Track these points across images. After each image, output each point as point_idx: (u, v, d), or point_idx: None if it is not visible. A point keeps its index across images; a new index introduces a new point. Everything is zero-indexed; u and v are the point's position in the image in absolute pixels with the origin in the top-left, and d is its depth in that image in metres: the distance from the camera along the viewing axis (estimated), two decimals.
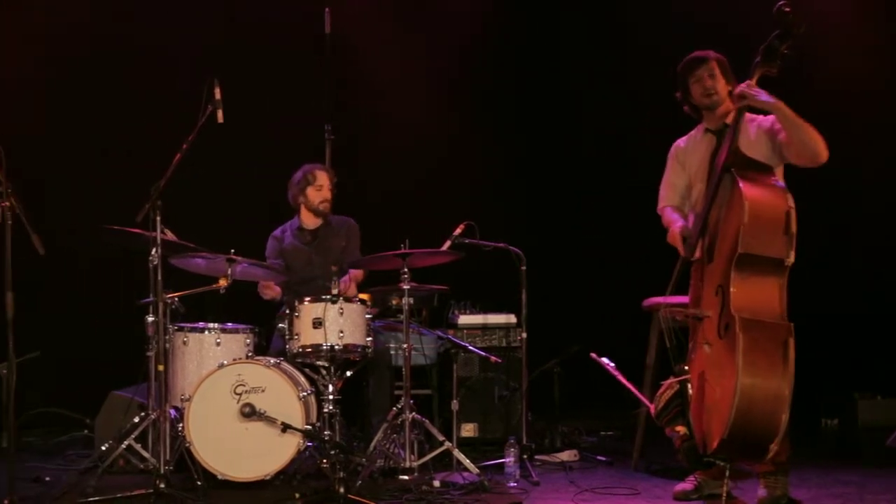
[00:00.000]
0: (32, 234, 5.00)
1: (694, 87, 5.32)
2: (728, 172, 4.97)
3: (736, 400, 4.64)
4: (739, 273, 4.79)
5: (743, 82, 5.05)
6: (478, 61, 8.34)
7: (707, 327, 4.99)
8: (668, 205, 5.54)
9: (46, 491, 5.64)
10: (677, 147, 5.56)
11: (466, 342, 6.81)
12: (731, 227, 4.88)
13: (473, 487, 5.63)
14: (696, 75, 5.30)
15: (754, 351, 4.68)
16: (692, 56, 5.37)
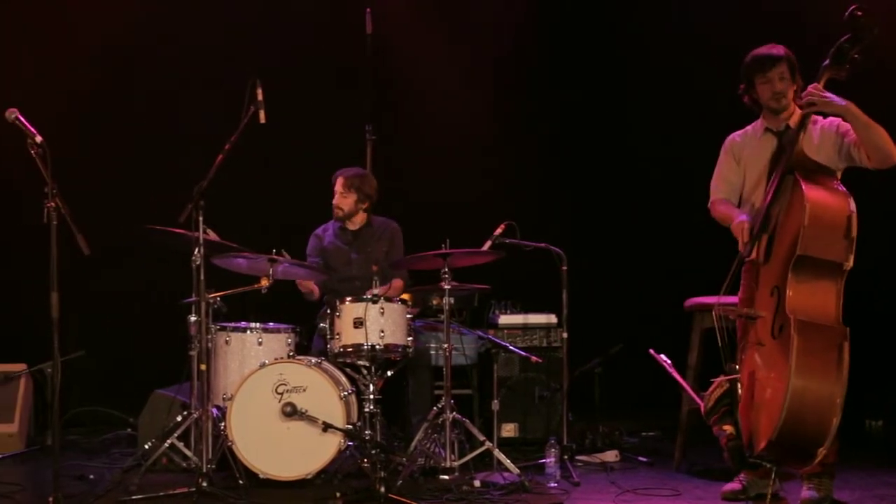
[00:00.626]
0: (77, 235, 5.03)
1: (762, 88, 5.19)
2: (790, 174, 4.92)
3: (787, 402, 4.60)
4: (797, 275, 4.75)
5: (811, 85, 4.96)
6: (518, 60, 8.32)
7: (760, 328, 4.95)
8: (718, 198, 5.45)
9: (90, 489, 5.69)
10: (733, 142, 5.43)
11: (507, 342, 6.80)
12: (790, 228, 4.83)
13: (514, 488, 5.63)
14: (767, 76, 5.17)
15: (808, 353, 4.63)
16: (763, 53, 5.20)
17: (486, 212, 6.86)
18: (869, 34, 4.83)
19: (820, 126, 5.16)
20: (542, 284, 6.76)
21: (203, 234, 5.62)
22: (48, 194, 4.99)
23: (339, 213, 6.73)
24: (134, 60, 8.02)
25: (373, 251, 6.64)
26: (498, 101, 8.27)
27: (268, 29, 8.09)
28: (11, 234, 7.46)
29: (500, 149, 8.23)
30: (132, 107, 8.01)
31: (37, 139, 4.99)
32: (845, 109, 4.93)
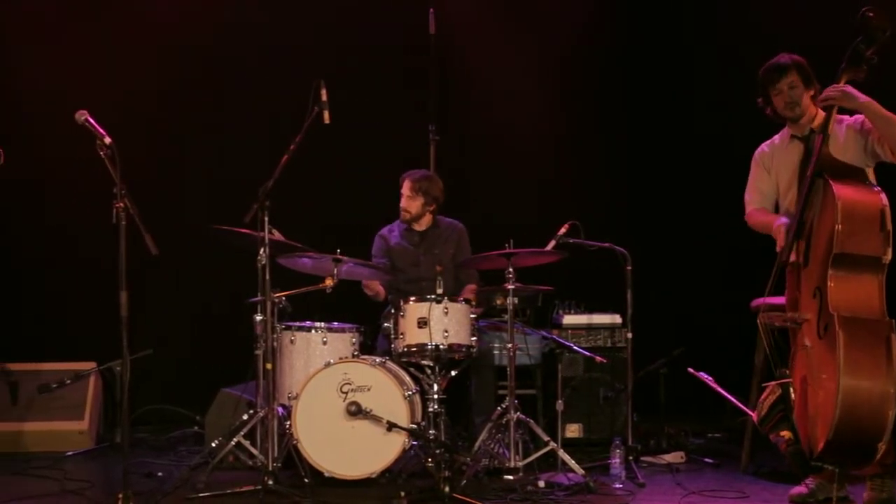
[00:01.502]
0: (145, 235, 5.10)
1: (776, 99, 5.29)
2: (819, 177, 4.95)
3: (839, 400, 4.59)
4: (836, 272, 4.78)
5: (829, 86, 5.03)
6: (583, 60, 8.28)
7: (806, 331, 4.96)
8: (754, 208, 5.51)
9: (158, 486, 5.75)
10: (762, 153, 5.52)
11: (571, 342, 6.78)
12: (825, 228, 4.87)
13: (579, 488, 5.61)
14: (777, 87, 5.26)
15: (855, 349, 4.64)
16: (771, 65, 5.31)
17: (550, 211, 6.83)
18: (881, 34, 4.91)
19: (845, 125, 5.20)
20: (606, 284, 6.72)
21: (268, 234, 5.66)
22: (117, 195, 5.05)
23: (407, 216, 6.75)
24: (201, 61, 8.09)
25: (441, 252, 6.64)
26: (562, 100, 8.25)
27: (332, 30, 8.13)
28: (81, 235, 7.56)
29: (564, 148, 8.20)
30: (199, 107, 8.08)
31: (105, 140, 5.06)
32: (865, 106, 4.98)
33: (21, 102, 7.87)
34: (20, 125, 7.69)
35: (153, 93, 7.99)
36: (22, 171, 5.62)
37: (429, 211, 6.77)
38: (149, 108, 7.92)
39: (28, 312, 7.84)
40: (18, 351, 7.21)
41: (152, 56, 7.99)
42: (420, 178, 6.76)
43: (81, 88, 7.58)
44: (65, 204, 7.81)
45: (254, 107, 8.03)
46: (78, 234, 7.67)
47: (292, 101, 5.99)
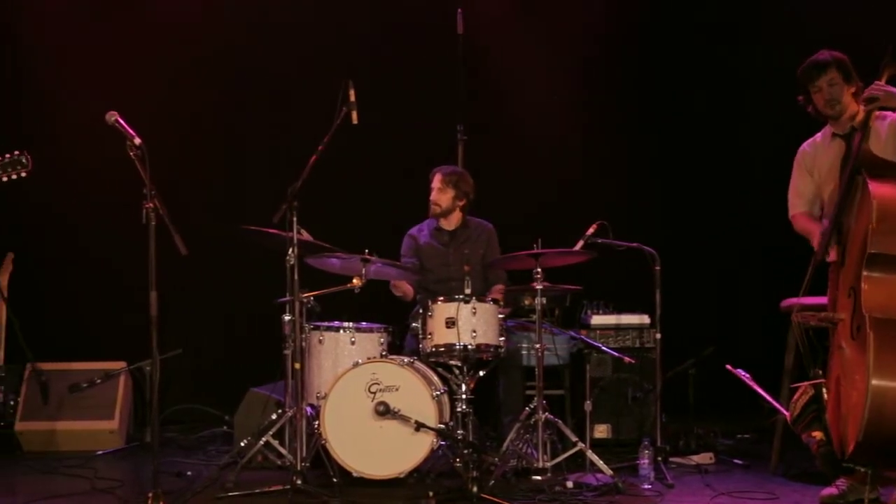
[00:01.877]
0: (174, 235, 5.13)
1: (816, 97, 5.27)
2: (859, 174, 4.90)
3: (867, 401, 4.57)
4: (870, 273, 4.74)
5: (872, 84, 4.98)
6: (611, 60, 8.26)
7: (841, 331, 4.93)
8: (798, 212, 5.46)
9: (188, 485, 5.78)
10: (803, 153, 5.49)
11: (599, 342, 6.76)
12: (860, 227, 4.83)
13: (607, 489, 5.60)
14: (817, 85, 5.24)
15: (886, 351, 4.61)
16: (811, 62, 5.28)
17: (578, 211, 6.82)
18: None
19: (888, 122, 5.17)
20: (634, 284, 6.70)
21: (297, 234, 5.68)
22: (146, 195, 5.08)
23: (437, 210, 6.75)
24: (230, 61, 8.12)
25: (470, 252, 6.62)
26: (590, 100, 8.23)
27: (360, 30, 8.14)
28: (112, 235, 7.61)
29: (592, 148, 8.18)
30: (228, 107, 8.12)
31: (135, 141, 5.09)
32: None
33: (48, 103, 7.92)
34: (47, 126, 7.74)
35: (181, 93, 8.01)
36: (52, 172, 5.65)
37: (459, 206, 6.77)
38: (176, 107, 7.94)
39: (59, 312, 7.88)
40: (49, 351, 7.24)
41: (181, 56, 8.02)
42: (451, 172, 6.78)
43: (109, 89, 7.63)
44: (95, 204, 7.85)
45: (282, 107, 8.05)
46: (108, 235, 7.71)
47: (321, 101, 6.00)
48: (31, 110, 7.88)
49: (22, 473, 6.38)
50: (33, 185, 5.67)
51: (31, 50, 8.01)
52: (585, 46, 8.21)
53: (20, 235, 7.61)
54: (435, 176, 6.76)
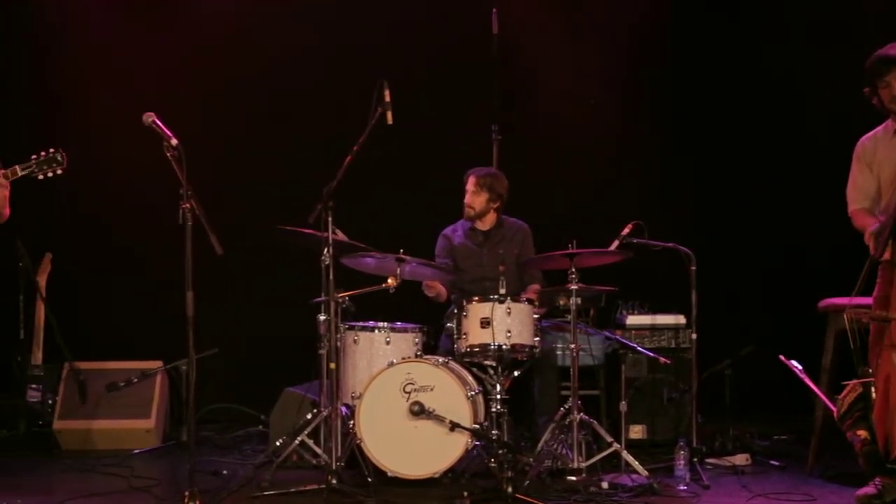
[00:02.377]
0: (211, 235, 5.15)
1: (882, 92, 5.17)
2: None
3: None
4: None
5: None
6: (646, 60, 8.22)
7: (894, 330, 4.85)
8: (858, 207, 5.37)
9: (224, 484, 5.81)
10: (863, 146, 5.39)
11: (634, 343, 6.73)
12: None
13: (642, 490, 5.58)
14: (885, 80, 5.14)
15: None
16: (882, 56, 5.17)
17: (613, 211, 6.80)
18: None
19: None
20: (670, 284, 6.67)
21: (332, 234, 5.69)
22: (183, 196, 5.11)
23: (471, 212, 6.75)
24: (263, 61, 8.15)
25: (505, 252, 6.61)
26: (625, 99, 8.20)
27: (395, 30, 8.14)
28: (149, 235, 7.65)
29: (627, 148, 8.15)
30: (263, 107, 8.15)
31: (172, 142, 5.12)
32: None
33: (86, 104, 7.98)
34: (85, 127, 7.79)
35: (217, 93, 8.06)
36: (90, 173, 5.70)
37: (493, 208, 6.76)
38: (215, 106, 7.99)
39: (96, 312, 7.95)
40: (87, 350, 7.30)
41: (216, 56, 8.07)
42: (485, 175, 6.77)
43: (146, 89, 7.69)
44: (132, 205, 7.90)
45: (317, 107, 8.07)
46: (145, 235, 7.76)
47: (356, 101, 6.02)
48: (69, 111, 7.93)
49: (60, 472, 6.43)
50: (71, 185, 5.72)
51: (69, 50, 8.07)
52: (621, 45, 8.18)
53: (59, 236, 7.67)
54: (469, 178, 6.76)
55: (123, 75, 8.00)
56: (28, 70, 8.03)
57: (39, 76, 8.06)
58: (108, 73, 8.04)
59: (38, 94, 8.00)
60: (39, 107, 7.92)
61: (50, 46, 8.07)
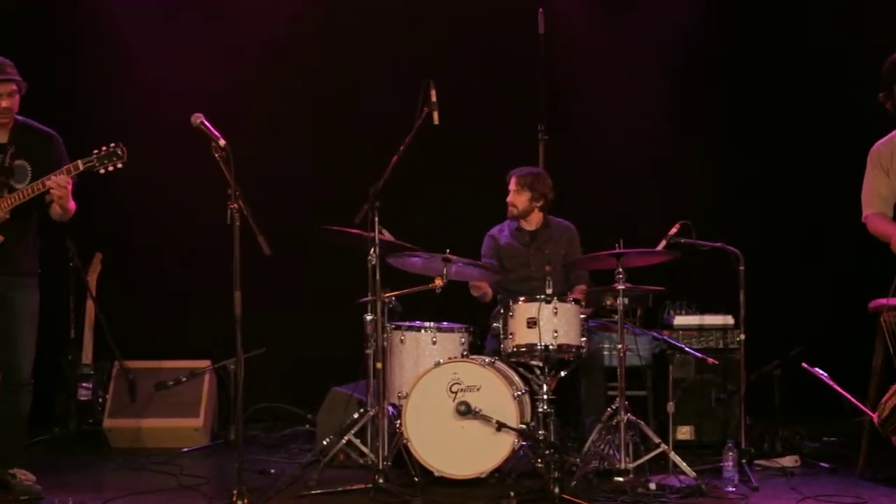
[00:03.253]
0: (259, 235, 5.18)
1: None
2: None
3: None
4: None
5: None
6: (692, 60, 8.16)
7: None
8: (873, 212, 5.35)
9: (271, 483, 5.83)
10: (878, 153, 5.42)
11: (682, 343, 6.70)
12: None
13: (690, 491, 5.54)
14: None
15: None
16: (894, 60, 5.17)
17: (661, 211, 6.76)
18: None
19: None
20: (718, 285, 6.63)
21: (378, 234, 5.71)
22: (231, 196, 5.14)
23: (514, 212, 6.74)
24: (310, 61, 8.19)
25: (551, 252, 6.60)
26: (672, 98, 8.14)
27: (440, 31, 8.15)
28: (197, 235, 7.71)
29: (674, 148, 8.10)
30: (311, 107, 8.17)
31: (220, 142, 5.16)
32: None
33: (136, 104, 8.06)
34: (134, 127, 7.85)
35: (265, 93, 8.11)
36: (139, 173, 5.74)
37: (537, 207, 6.74)
38: (260, 108, 8.04)
39: (145, 312, 8.02)
40: (136, 349, 7.37)
41: (264, 56, 8.13)
42: (526, 174, 6.75)
43: (195, 90, 7.75)
44: (180, 205, 7.96)
45: (363, 107, 8.09)
46: (194, 235, 7.81)
47: (401, 101, 6.03)
48: (120, 111, 8.01)
49: (110, 470, 6.50)
50: (121, 185, 5.77)
51: (124, 50, 8.15)
52: (670, 43, 8.13)
53: (108, 236, 7.74)
54: (511, 178, 6.75)
55: (174, 75, 8.06)
56: (82, 70, 8.12)
57: (92, 76, 8.14)
58: (158, 73, 8.11)
59: (90, 93, 8.08)
60: (91, 106, 8.00)
61: (102, 46, 8.15)
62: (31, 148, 5.54)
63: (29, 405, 5.64)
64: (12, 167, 5.48)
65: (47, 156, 5.51)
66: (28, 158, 5.51)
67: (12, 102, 5.45)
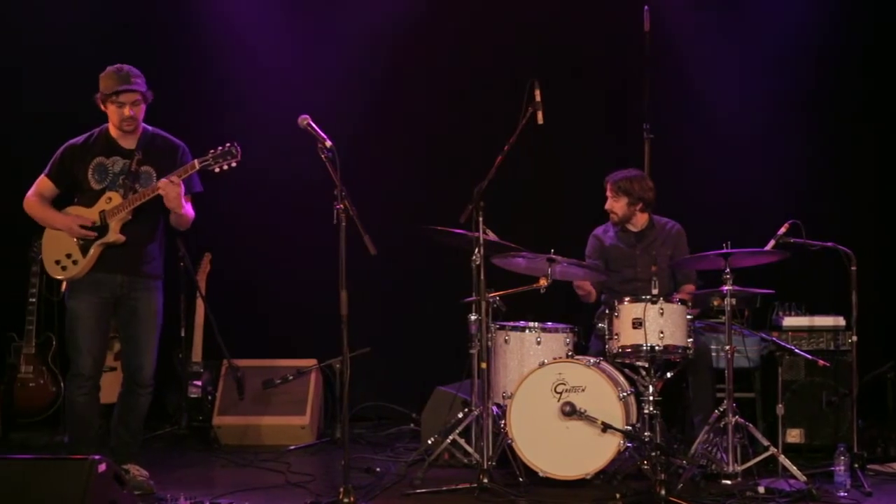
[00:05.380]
0: (364, 235, 5.23)
1: None
2: None
3: None
4: None
5: None
6: (804, 55, 7.99)
7: None
8: None
9: (377, 481, 5.88)
10: None
11: (791, 344, 6.57)
12: None
13: (801, 496, 5.44)
14: None
15: None
16: None
17: (769, 211, 6.65)
18: None
19: None
20: (829, 285, 6.49)
21: (483, 234, 5.72)
22: (337, 196, 5.20)
23: (615, 218, 6.66)
24: (412, 62, 8.24)
25: (658, 253, 6.53)
26: (777, 97, 7.98)
27: (544, 30, 8.12)
28: (303, 235, 7.79)
29: (784, 146, 7.95)
30: (413, 108, 8.22)
31: (326, 144, 5.22)
32: None
33: (244, 104, 8.19)
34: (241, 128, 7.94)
35: (369, 94, 8.17)
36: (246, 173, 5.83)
37: (637, 210, 6.65)
38: (364, 109, 8.10)
39: (253, 311, 8.14)
40: (244, 348, 7.48)
41: (368, 58, 8.19)
42: (620, 179, 6.64)
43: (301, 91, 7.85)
44: (288, 205, 8.06)
45: (466, 107, 8.10)
46: (300, 235, 7.91)
47: (505, 101, 6.02)
48: (227, 111, 8.14)
49: (220, 466, 6.61)
50: (230, 186, 5.87)
51: (228, 50, 8.29)
52: (777, 40, 7.97)
53: (217, 237, 7.87)
54: (607, 185, 6.67)
55: (280, 76, 8.17)
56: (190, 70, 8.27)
57: (201, 76, 8.29)
58: (267, 74, 8.23)
59: (198, 93, 8.23)
60: (199, 106, 8.15)
61: (212, 46, 8.30)
62: (158, 156, 5.69)
63: (147, 406, 5.79)
64: (138, 172, 5.64)
65: (174, 164, 5.63)
66: (154, 165, 5.66)
67: (136, 111, 5.61)
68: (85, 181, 5.64)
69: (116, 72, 5.61)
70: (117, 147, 5.68)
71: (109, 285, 5.62)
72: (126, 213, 5.56)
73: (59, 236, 5.64)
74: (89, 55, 6.84)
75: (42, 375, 7.45)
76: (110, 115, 5.64)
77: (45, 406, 7.42)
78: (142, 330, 5.68)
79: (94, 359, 5.61)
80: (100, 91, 5.61)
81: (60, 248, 5.62)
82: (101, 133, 5.72)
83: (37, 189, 5.72)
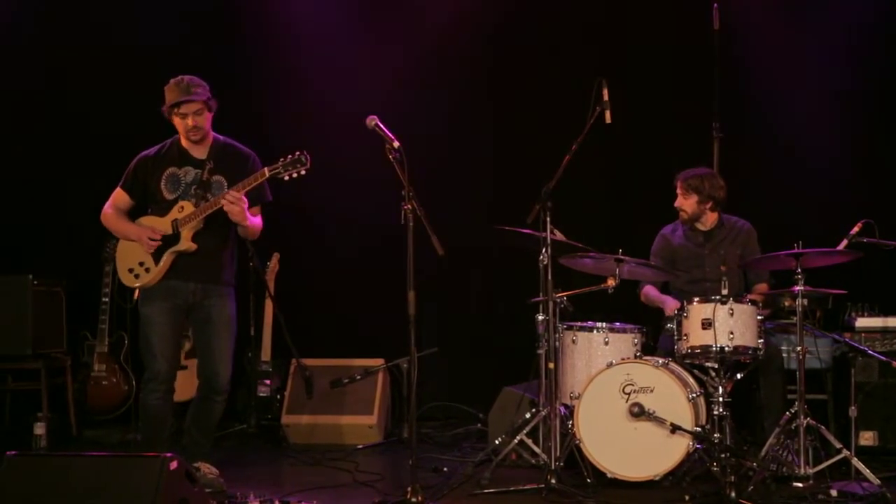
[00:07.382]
0: (432, 235, 5.25)
1: None
2: None
3: None
4: None
5: None
6: (873, 56, 7.86)
7: None
8: None
9: (444, 481, 5.89)
10: None
11: (865, 346, 6.47)
12: None
13: (874, 499, 5.36)
14: None
15: None
16: None
17: (841, 210, 6.55)
18: None
19: None
20: None
21: (550, 234, 5.71)
22: (405, 197, 5.22)
23: (684, 216, 6.60)
24: (478, 63, 8.24)
25: (727, 253, 6.46)
26: (851, 95, 7.85)
27: (611, 28, 8.08)
28: (371, 236, 7.84)
29: (857, 144, 7.82)
30: (480, 108, 8.23)
31: (394, 144, 5.25)
32: None
33: (312, 105, 8.25)
34: (310, 128, 8.03)
35: (435, 95, 8.19)
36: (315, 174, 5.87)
37: (707, 209, 6.58)
38: (431, 109, 8.12)
39: (322, 311, 8.19)
40: (312, 347, 7.52)
41: (434, 59, 8.22)
42: (691, 177, 6.58)
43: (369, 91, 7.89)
44: (355, 206, 8.11)
45: (534, 107, 8.08)
46: (369, 235, 7.95)
47: (573, 100, 6.00)
48: (296, 113, 8.21)
49: (288, 465, 6.67)
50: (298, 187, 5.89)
51: (297, 51, 8.37)
52: (852, 38, 7.85)
53: (286, 237, 7.93)
54: (677, 182, 6.62)
55: (348, 77, 8.22)
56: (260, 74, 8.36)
57: (270, 79, 8.37)
58: (334, 75, 8.28)
59: (266, 95, 8.31)
60: (266, 108, 8.22)
61: (280, 49, 8.37)
62: (229, 165, 5.74)
63: (221, 412, 5.83)
64: (210, 181, 5.69)
65: (244, 172, 5.67)
66: (225, 174, 5.71)
67: (199, 121, 5.66)
68: (158, 192, 5.70)
69: (177, 84, 5.64)
70: (189, 157, 5.73)
71: (182, 292, 5.67)
72: (198, 222, 5.61)
73: (132, 246, 5.71)
74: None
75: (115, 374, 7.57)
76: (176, 126, 5.69)
77: (117, 404, 7.53)
78: (216, 337, 5.71)
79: (168, 363, 5.66)
80: (165, 103, 5.68)
81: (133, 257, 5.69)
82: (172, 144, 5.78)
83: (112, 202, 5.81)
